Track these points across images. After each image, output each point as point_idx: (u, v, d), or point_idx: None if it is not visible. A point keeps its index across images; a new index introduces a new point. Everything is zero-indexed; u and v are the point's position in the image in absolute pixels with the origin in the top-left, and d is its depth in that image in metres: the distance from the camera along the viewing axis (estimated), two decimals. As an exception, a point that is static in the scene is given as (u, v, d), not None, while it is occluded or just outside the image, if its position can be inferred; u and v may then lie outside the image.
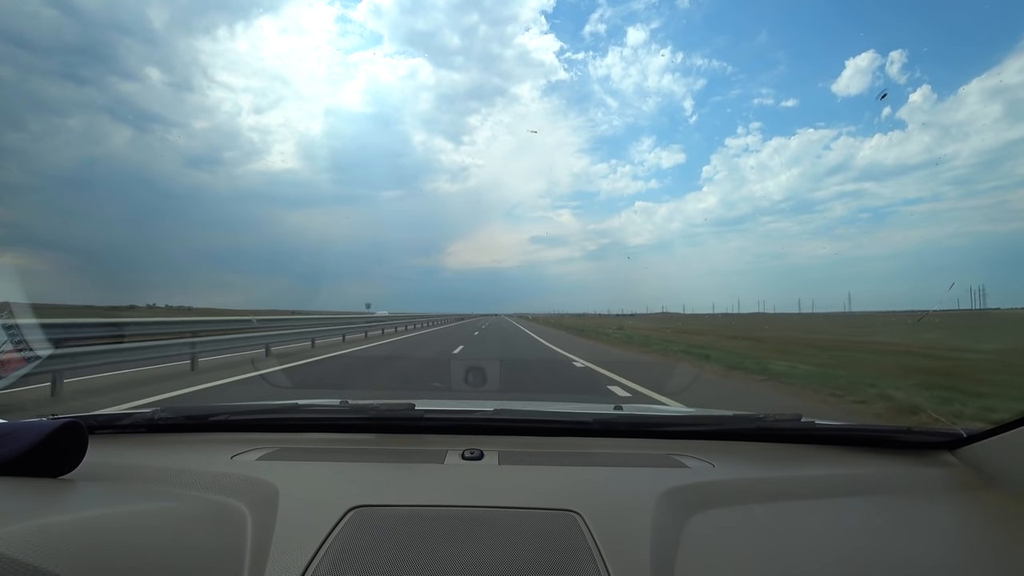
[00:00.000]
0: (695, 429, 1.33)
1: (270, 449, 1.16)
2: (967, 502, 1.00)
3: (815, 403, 6.11)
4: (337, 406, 1.44)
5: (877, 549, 0.82)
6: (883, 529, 0.88)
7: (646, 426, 1.39)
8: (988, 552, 0.87)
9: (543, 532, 0.80)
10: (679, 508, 0.88)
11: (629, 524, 0.83)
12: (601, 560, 0.74)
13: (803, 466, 1.15)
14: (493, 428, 1.29)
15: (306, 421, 1.35)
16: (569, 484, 1.00)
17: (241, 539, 0.77)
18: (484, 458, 1.10)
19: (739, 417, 1.38)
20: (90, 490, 0.83)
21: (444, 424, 1.31)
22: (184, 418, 1.33)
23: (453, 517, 0.84)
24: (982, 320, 32.63)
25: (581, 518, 0.83)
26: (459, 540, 0.78)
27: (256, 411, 1.35)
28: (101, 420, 1.32)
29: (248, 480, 0.95)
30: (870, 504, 0.97)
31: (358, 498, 0.87)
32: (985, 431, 1.09)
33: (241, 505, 0.86)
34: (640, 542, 0.78)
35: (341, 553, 0.73)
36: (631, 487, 0.98)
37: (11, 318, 4.01)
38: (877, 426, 1.45)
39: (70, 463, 0.85)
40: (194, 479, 0.96)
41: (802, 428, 1.28)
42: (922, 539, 0.88)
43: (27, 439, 0.80)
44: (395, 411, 1.30)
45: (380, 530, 0.79)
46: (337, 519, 0.81)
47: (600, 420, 1.34)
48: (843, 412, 5.57)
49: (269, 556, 0.73)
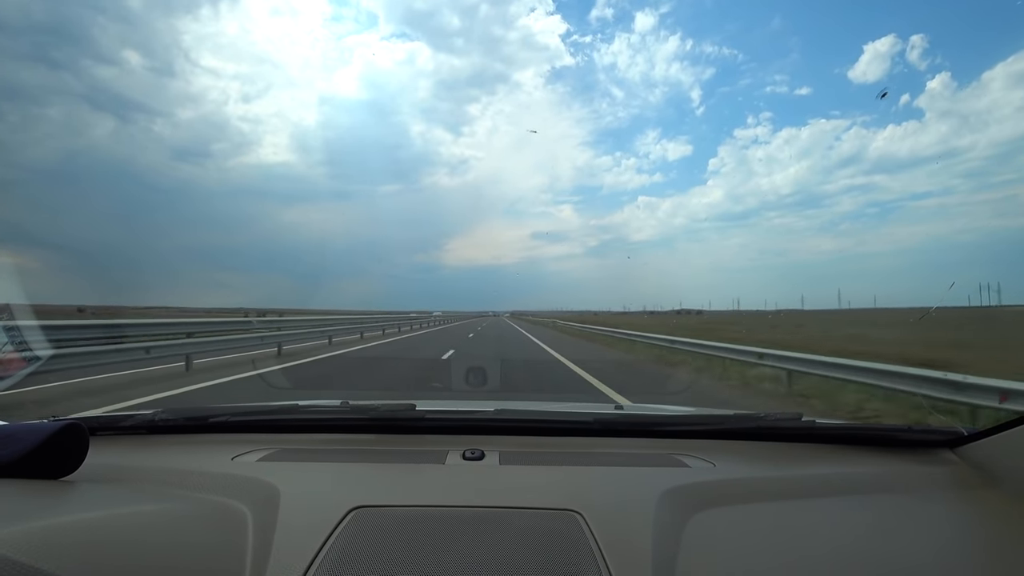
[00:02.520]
0: (696, 428, 1.33)
1: (271, 450, 1.16)
2: (968, 500, 1.00)
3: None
4: (338, 407, 1.44)
5: (878, 548, 0.82)
6: (884, 527, 0.88)
7: (647, 426, 1.39)
8: (989, 550, 0.87)
9: (544, 532, 0.80)
10: (680, 508, 0.88)
11: (630, 524, 0.83)
12: (602, 560, 0.74)
13: (804, 465, 1.15)
14: (494, 428, 1.29)
15: (307, 422, 1.35)
16: (570, 484, 1.00)
17: (242, 540, 0.77)
18: (485, 458, 1.10)
19: (740, 416, 1.38)
20: (91, 491, 0.83)
21: (445, 424, 1.31)
22: (185, 419, 1.32)
23: (454, 517, 0.84)
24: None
25: (582, 518, 0.83)
26: (460, 540, 0.78)
27: (257, 412, 1.35)
28: (102, 421, 1.32)
29: (249, 481, 0.95)
30: (871, 503, 0.97)
31: (359, 499, 0.87)
32: (986, 429, 1.09)
33: (242, 506, 0.86)
34: (641, 542, 0.78)
35: (342, 554, 0.74)
36: (632, 487, 0.98)
37: (11, 319, 4.01)
38: (878, 425, 1.45)
39: (71, 465, 0.85)
40: (195, 480, 0.96)
41: (803, 427, 1.28)
42: (923, 537, 0.88)
43: (28, 441, 0.80)
44: (396, 412, 1.30)
45: (381, 531, 0.79)
46: (338, 520, 0.81)
47: (601, 420, 1.35)
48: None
49: (270, 557, 0.73)
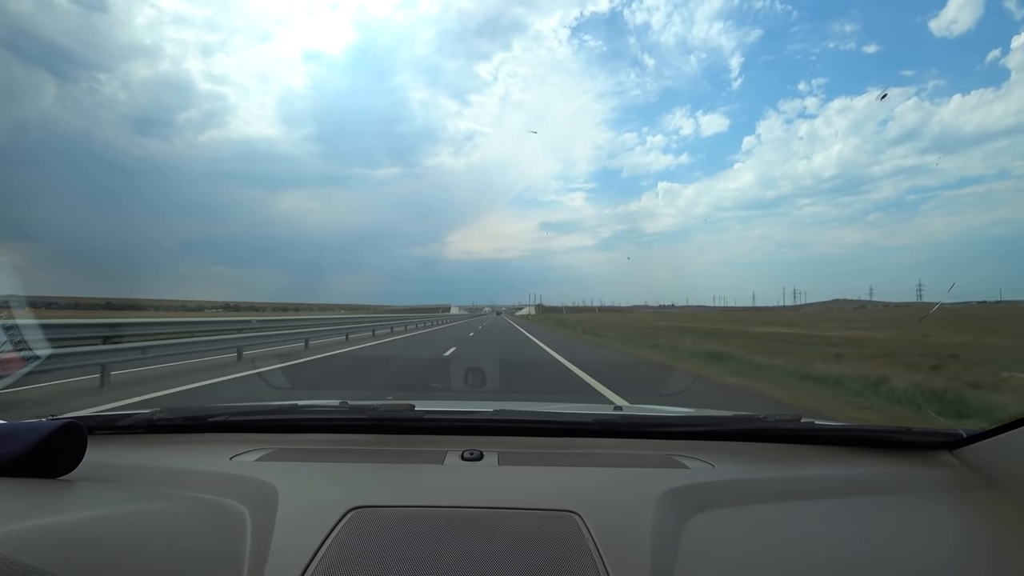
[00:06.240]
0: (695, 430, 1.33)
1: (269, 450, 1.16)
2: (967, 502, 1.00)
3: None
4: (337, 407, 1.44)
5: (877, 549, 0.82)
6: (883, 529, 0.88)
7: (646, 426, 1.39)
8: (988, 552, 0.87)
9: (543, 533, 0.80)
10: (679, 508, 0.88)
11: (629, 525, 0.83)
12: (601, 561, 0.74)
13: (803, 466, 1.15)
14: (493, 429, 1.29)
15: (305, 422, 1.35)
16: (569, 485, 0.99)
17: (240, 540, 0.77)
18: (484, 459, 1.10)
19: (739, 417, 1.38)
20: (89, 491, 0.83)
21: (444, 425, 1.31)
22: (183, 419, 1.32)
23: (453, 518, 0.84)
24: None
25: (581, 519, 0.83)
26: (459, 541, 0.78)
27: (255, 412, 1.35)
28: (100, 421, 1.32)
29: (247, 481, 0.95)
30: (870, 504, 0.97)
31: (358, 499, 0.87)
32: (985, 431, 1.09)
33: (240, 506, 0.86)
34: (640, 543, 0.78)
35: (340, 554, 0.73)
36: (631, 487, 0.98)
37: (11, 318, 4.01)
38: (877, 426, 1.45)
39: (69, 464, 0.85)
40: (193, 480, 0.96)
41: (802, 428, 1.28)
42: (922, 539, 0.88)
43: (26, 440, 0.80)
44: (395, 412, 1.30)
45: (379, 531, 0.79)
46: (336, 520, 0.81)
47: (600, 421, 1.34)
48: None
49: (268, 557, 0.73)
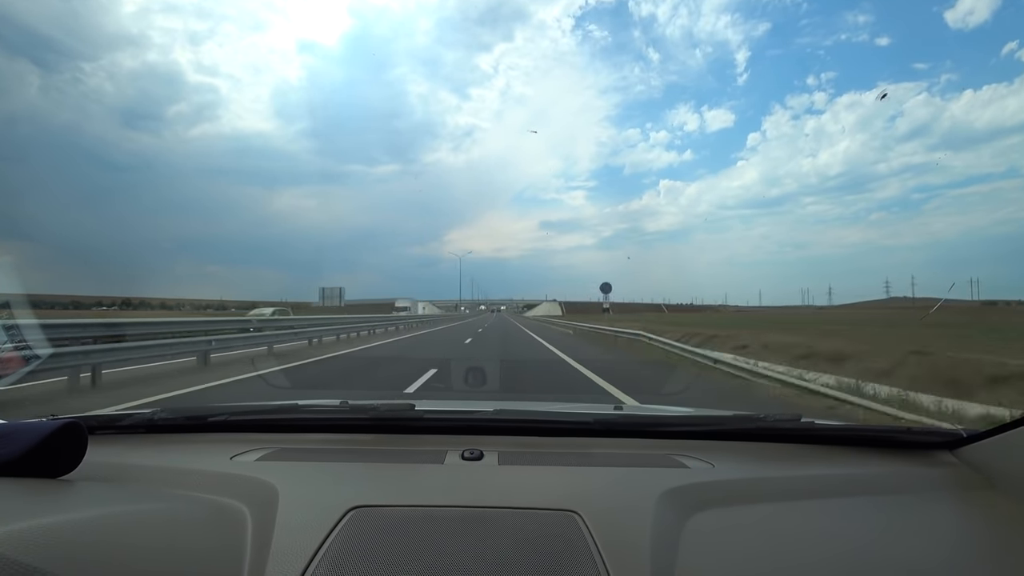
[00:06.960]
0: (695, 429, 1.33)
1: (270, 449, 1.16)
2: (967, 502, 1.00)
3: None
4: (337, 406, 1.44)
5: (877, 549, 0.82)
6: (883, 529, 0.88)
7: (646, 426, 1.39)
8: (988, 552, 0.87)
9: (543, 532, 0.80)
10: (679, 508, 0.88)
11: (629, 524, 0.83)
12: (601, 560, 0.74)
13: (803, 466, 1.15)
14: (493, 428, 1.29)
15: (306, 421, 1.35)
16: (569, 484, 0.99)
17: (241, 539, 0.77)
18: (484, 458, 1.10)
19: (739, 417, 1.38)
20: (90, 490, 0.83)
21: (444, 424, 1.31)
22: (184, 419, 1.33)
23: (453, 517, 0.84)
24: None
25: (581, 518, 0.83)
26: (459, 540, 0.78)
27: (256, 411, 1.35)
28: (101, 420, 1.32)
29: (248, 480, 0.95)
30: (870, 504, 0.97)
31: (358, 498, 0.87)
32: (985, 431, 1.09)
33: (241, 505, 0.86)
34: (640, 542, 0.78)
35: (341, 553, 0.73)
36: (631, 487, 0.98)
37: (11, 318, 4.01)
38: (877, 426, 1.45)
39: (70, 463, 0.85)
40: (194, 480, 0.96)
41: (802, 428, 1.28)
42: (922, 539, 0.88)
43: (27, 439, 0.79)
44: (395, 411, 1.30)
45: (380, 530, 0.79)
46: (337, 519, 0.81)
47: (600, 420, 1.34)
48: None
49: (269, 556, 0.73)
